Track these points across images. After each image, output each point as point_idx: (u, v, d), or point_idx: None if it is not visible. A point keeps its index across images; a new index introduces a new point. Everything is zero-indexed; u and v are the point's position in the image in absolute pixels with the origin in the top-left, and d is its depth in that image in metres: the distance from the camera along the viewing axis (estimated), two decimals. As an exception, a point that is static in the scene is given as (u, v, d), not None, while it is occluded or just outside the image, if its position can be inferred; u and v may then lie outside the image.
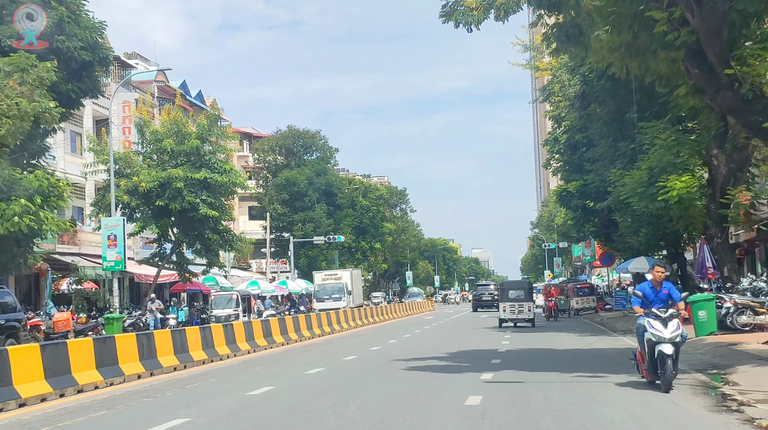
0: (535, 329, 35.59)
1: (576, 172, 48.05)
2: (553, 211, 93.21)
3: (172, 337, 20.45)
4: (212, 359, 22.20)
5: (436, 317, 54.46)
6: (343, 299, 52.65)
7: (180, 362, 20.21)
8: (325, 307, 48.90)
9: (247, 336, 25.55)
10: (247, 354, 24.78)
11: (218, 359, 22.63)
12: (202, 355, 21.68)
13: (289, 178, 69.01)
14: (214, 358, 22.39)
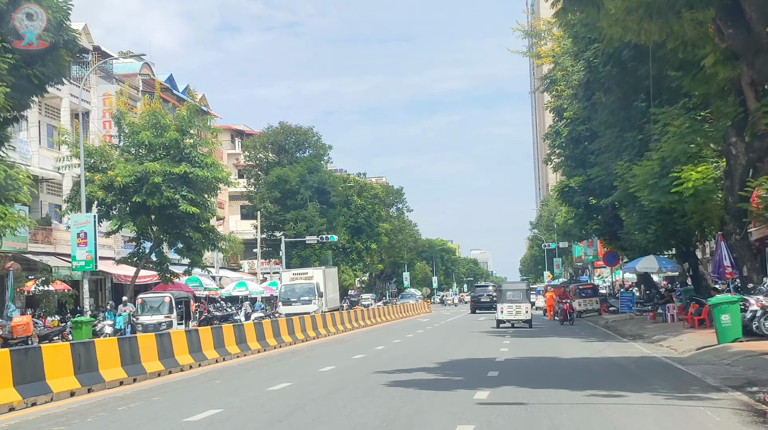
0: (537, 332, 32.73)
1: (578, 168, 45.23)
2: (553, 210, 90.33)
3: (120, 346, 17.55)
4: (170, 370, 19.31)
5: (432, 319, 51.58)
6: (313, 301, 44.97)
7: (129, 375, 17.34)
8: (292, 311, 42.03)
9: (216, 343, 22.68)
10: (214, 363, 21.90)
11: (178, 369, 19.75)
12: (159, 366, 18.80)
13: (280, 175, 66.08)
14: (173, 369, 19.50)
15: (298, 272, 51.11)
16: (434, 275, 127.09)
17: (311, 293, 45.84)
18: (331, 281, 52.71)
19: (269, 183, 67.03)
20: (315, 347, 27.72)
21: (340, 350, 25.67)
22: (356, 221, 79.26)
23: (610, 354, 21.64)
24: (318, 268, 54.40)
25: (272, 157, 69.46)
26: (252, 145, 69.43)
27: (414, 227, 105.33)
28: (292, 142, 70.02)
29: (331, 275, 53.61)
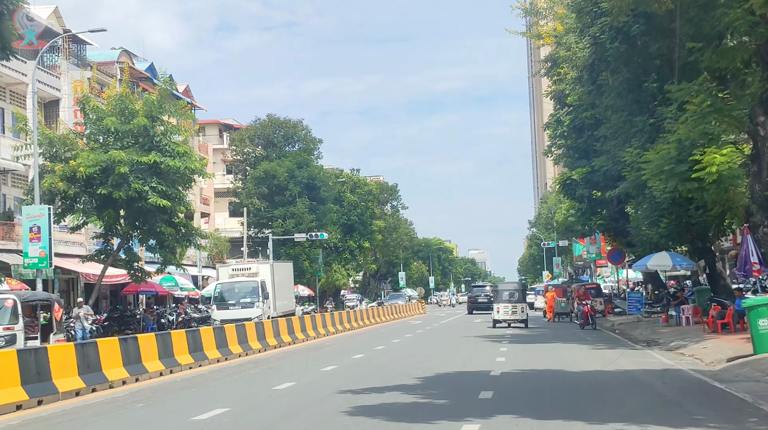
0: (537, 337, 29.18)
1: (581, 159, 41.70)
2: (552, 207, 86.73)
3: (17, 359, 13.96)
4: (94, 388, 15.73)
5: (425, 321, 48.01)
6: (256, 304, 36.45)
7: (30, 396, 13.79)
8: (229, 317, 34.88)
9: (162, 352, 19.07)
10: (158, 377, 18.32)
11: (106, 386, 16.17)
12: (77, 383, 15.23)
13: (267, 170, 62.48)
14: (99, 385, 15.93)
15: (239, 267, 42.23)
16: (431, 275, 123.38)
17: (254, 293, 37.20)
18: (283, 278, 42.57)
19: (256, 178, 63.47)
20: (286, 355, 24.12)
21: (312, 359, 22.09)
22: (349, 219, 75.72)
23: (626, 366, 18.08)
24: (265, 262, 46.47)
25: (260, 151, 65.84)
26: (239, 138, 65.79)
27: (409, 225, 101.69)
28: (280, 136, 66.38)
29: (283, 271, 43.28)
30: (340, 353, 23.93)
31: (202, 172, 39.04)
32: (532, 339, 28.23)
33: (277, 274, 40.89)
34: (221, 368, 20.51)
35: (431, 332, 35.54)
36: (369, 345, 26.95)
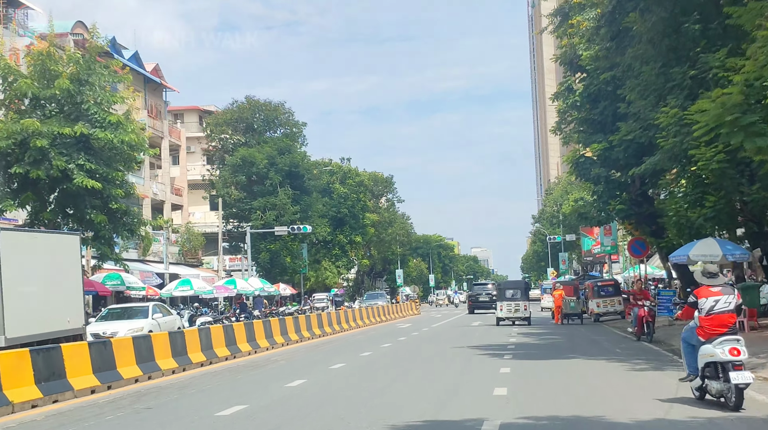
0: (551, 350, 22.07)
1: (597, 133, 34.66)
2: (558, 199, 79.55)
3: None
4: None
5: (415, 324, 40.85)
6: None
7: None
8: None
9: None
10: None
11: None
12: None
13: (245, 157, 55.53)
14: None
15: None
16: (431, 273, 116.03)
17: None
18: (39, 268, 20.72)
19: (233, 166, 56.48)
20: (189, 384, 16.92)
21: (213, 391, 14.98)
22: (339, 212, 68.76)
23: (702, 409, 10.95)
24: None
25: (238, 137, 58.78)
26: (215, 123, 58.68)
27: (406, 219, 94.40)
28: (260, 120, 59.35)
29: (37, 254, 20.79)
30: (270, 378, 16.85)
31: (143, 147, 31.96)
32: (542, 352, 21.14)
33: None
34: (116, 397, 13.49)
35: (417, 339, 28.41)
36: (323, 362, 19.86)
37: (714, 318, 11.10)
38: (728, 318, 11.12)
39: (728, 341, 10.87)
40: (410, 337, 29.43)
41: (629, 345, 22.88)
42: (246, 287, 48.62)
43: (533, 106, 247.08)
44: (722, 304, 11.15)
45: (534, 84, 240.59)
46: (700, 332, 11.27)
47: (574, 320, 39.06)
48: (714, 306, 11.13)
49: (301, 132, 60.86)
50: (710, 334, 11.06)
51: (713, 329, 11.05)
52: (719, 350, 10.82)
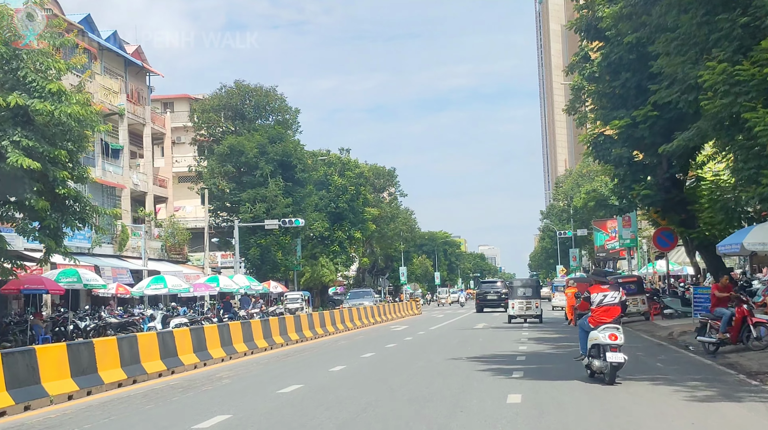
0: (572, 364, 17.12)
1: (619, 108, 29.78)
2: (569, 192, 74.63)
3: None
4: None
5: (412, 326, 36.03)
6: None
7: None
8: None
9: None
10: None
11: None
12: None
13: (233, 145, 50.83)
14: None
15: None
16: (436, 271, 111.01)
17: None
18: None
19: (221, 155, 51.74)
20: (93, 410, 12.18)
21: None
22: (337, 206, 63.92)
23: None
24: None
25: (226, 124, 54.01)
26: (201, 109, 53.90)
27: (410, 214, 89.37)
28: (250, 106, 54.60)
29: None
30: (185, 411, 12.03)
31: (92, 120, 27.15)
32: (562, 366, 16.31)
33: None
34: None
35: (408, 347, 23.55)
36: (277, 380, 14.99)
37: (602, 309, 13.49)
38: (614, 310, 13.49)
39: (609, 328, 13.18)
40: (401, 343, 24.58)
41: (670, 357, 18.06)
42: (230, 285, 43.91)
43: (540, 103, 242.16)
44: (609, 298, 13.56)
45: (541, 80, 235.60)
46: (591, 321, 13.64)
47: None
48: (603, 300, 13.53)
49: (295, 119, 56.11)
50: (598, 322, 13.41)
51: (600, 318, 13.42)
52: (602, 335, 13.14)
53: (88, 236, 42.13)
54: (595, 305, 13.64)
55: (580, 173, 74.32)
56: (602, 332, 13.24)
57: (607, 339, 13.06)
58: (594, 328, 13.49)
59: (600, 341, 13.23)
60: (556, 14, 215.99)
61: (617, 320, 13.53)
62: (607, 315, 13.46)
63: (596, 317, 13.58)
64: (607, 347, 13.03)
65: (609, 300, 13.59)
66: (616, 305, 13.55)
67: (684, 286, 35.85)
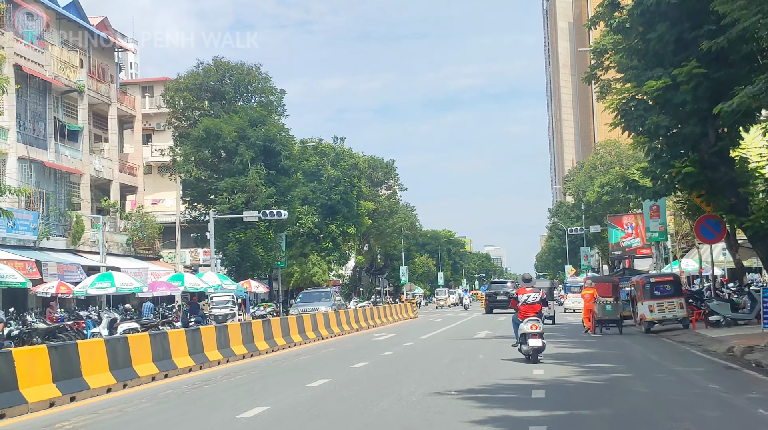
0: (624, 410, 10.72)
1: (655, 67, 23.53)
2: (581, 186, 68.16)
3: None
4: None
5: (402, 333, 29.69)
6: None
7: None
8: None
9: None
10: None
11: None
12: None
13: (209, 128, 44.65)
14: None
15: None
16: (439, 271, 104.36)
17: None
18: None
19: (196, 139, 45.51)
20: None
21: None
22: (329, 198, 57.59)
23: None
24: None
25: (202, 105, 47.74)
26: (175, 89, 47.58)
27: (411, 210, 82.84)
28: (230, 86, 48.35)
29: None
30: None
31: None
32: (608, 415, 9.98)
33: None
34: None
35: (382, 368, 17.04)
36: None
37: (526, 306, 16.96)
38: (535, 307, 16.94)
39: (531, 320, 16.63)
40: (374, 362, 18.08)
41: (761, 390, 11.78)
42: (197, 284, 37.71)
43: (548, 102, 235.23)
44: (531, 298, 17.02)
45: (548, 78, 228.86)
46: (519, 316, 17.02)
47: (611, 327, 28.25)
48: (527, 299, 17.02)
49: (281, 101, 49.85)
50: (524, 316, 16.84)
51: (526, 313, 16.87)
52: (526, 326, 16.63)
53: (33, 228, 36.16)
54: (521, 303, 17.00)
55: (593, 166, 67.87)
56: (526, 323, 16.57)
57: (529, 329, 16.46)
58: (521, 321, 16.73)
59: (525, 330, 16.55)
60: (564, 12, 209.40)
61: (538, 314, 16.87)
62: (531, 311, 16.81)
63: (522, 313, 16.87)
64: (529, 335, 16.43)
65: (531, 299, 16.96)
66: (537, 303, 16.91)
67: (732, 287, 29.49)
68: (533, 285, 17.64)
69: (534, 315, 16.70)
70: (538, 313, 16.86)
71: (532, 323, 16.53)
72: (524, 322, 16.60)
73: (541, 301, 17.11)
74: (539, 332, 16.51)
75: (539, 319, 16.75)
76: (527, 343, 16.47)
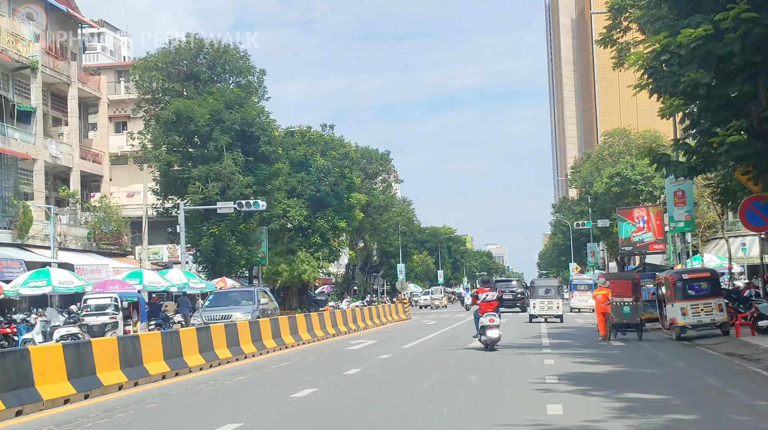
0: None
1: (691, 13, 18.65)
2: (587, 178, 63.07)
3: None
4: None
5: (384, 340, 24.72)
6: None
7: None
8: None
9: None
10: None
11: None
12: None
13: (180, 110, 39.77)
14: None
15: None
16: (439, 269, 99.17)
17: None
18: None
19: (165, 123, 40.62)
20: None
21: None
22: (318, 190, 52.60)
23: None
24: None
25: (174, 86, 42.76)
26: (144, 66, 42.57)
27: (407, 204, 77.62)
28: (204, 65, 43.39)
29: None
30: None
31: None
32: None
33: None
34: None
35: (336, 397, 11.97)
36: None
37: (485, 303, 19.58)
38: (492, 303, 19.59)
39: (489, 314, 19.27)
40: (322, 392, 12.72)
41: None
42: (158, 283, 32.83)
43: (550, 99, 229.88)
44: (489, 296, 19.71)
45: (551, 75, 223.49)
46: (480, 311, 19.66)
47: (628, 331, 23.62)
48: (485, 297, 19.69)
49: (261, 83, 44.89)
50: (483, 311, 19.46)
51: (485, 309, 19.47)
52: (485, 319, 19.22)
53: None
54: (481, 301, 19.87)
55: (600, 156, 62.80)
56: (485, 317, 19.39)
57: (487, 322, 19.22)
58: (482, 315, 19.54)
59: (484, 323, 19.31)
60: (566, 8, 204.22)
61: (496, 309, 19.72)
62: (489, 307, 19.62)
63: (482, 308, 19.69)
64: (487, 327, 19.17)
65: (489, 297, 19.78)
66: (494, 301, 19.72)
67: None
68: (491, 286, 20.44)
69: (492, 310, 19.41)
70: (495, 308, 19.55)
71: (490, 317, 19.29)
72: (483, 316, 19.32)
73: (497, 299, 19.98)
74: (496, 324, 19.23)
75: (496, 313, 19.56)
76: (485, 334, 19.14)
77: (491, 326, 18.95)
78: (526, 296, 44.91)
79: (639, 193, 53.04)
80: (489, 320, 18.99)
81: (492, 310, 19.32)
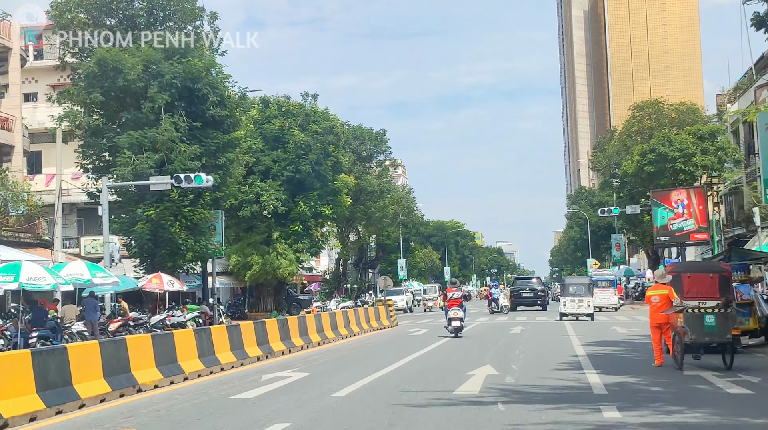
0: None
1: None
2: (613, 157, 52.93)
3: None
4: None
5: (322, 372, 15.03)
6: None
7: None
8: None
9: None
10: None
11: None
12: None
13: (106, 60, 30.23)
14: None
15: None
16: (445, 265, 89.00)
17: None
18: None
19: (89, 76, 30.96)
20: None
21: None
22: (297, 170, 42.91)
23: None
24: None
25: (100, 32, 32.98)
26: (62, 9, 32.81)
27: (407, 192, 67.32)
28: (141, 8, 33.66)
29: None
30: None
31: None
32: None
33: None
34: None
35: None
36: None
37: (452, 301, 24.68)
38: (458, 301, 24.65)
39: (455, 309, 24.34)
40: None
41: None
42: (41, 280, 23.12)
43: (562, 94, 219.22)
44: (456, 295, 24.85)
45: (563, 69, 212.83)
46: (448, 306, 24.78)
47: (709, 352, 14.15)
48: (453, 295, 24.88)
49: (216, 33, 35.06)
50: (451, 306, 24.57)
51: (451, 305, 24.60)
52: (451, 313, 24.31)
53: None
54: (450, 298, 24.99)
55: (629, 133, 52.70)
56: (452, 311, 24.34)
57: (453, 315, 24.18)
58: (449, 309, 24.58)
59: (451, 316, 24.26)
60: (579, 0, 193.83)
61: (460, 305, 24.71)
62: (455, 303, 24.61)
63: (450, 304, 24.70)
64: (453, 319, 24.14)
65: (456, 295, 24.91)
66: (459, 298, 24.79)
67: None
68: (457, 286, 26.41)
69: (457, 306, 24.59)
70: (459, 304, 24.69)
71: (455, 311, 24.48)
72: (451, 310, 24.49)
73: (462, 296, 25.26)
74: (460, 316, 24.34)
75: (460, 308, 24.68)
76: (451, 324, 24.26)
77: (456, 318, 24.21)
78: (547, 294, 47.01)
79: (677, 172, 43.10)
80: (454, 313, 24.27)
81: (457, 306, 24.47)
